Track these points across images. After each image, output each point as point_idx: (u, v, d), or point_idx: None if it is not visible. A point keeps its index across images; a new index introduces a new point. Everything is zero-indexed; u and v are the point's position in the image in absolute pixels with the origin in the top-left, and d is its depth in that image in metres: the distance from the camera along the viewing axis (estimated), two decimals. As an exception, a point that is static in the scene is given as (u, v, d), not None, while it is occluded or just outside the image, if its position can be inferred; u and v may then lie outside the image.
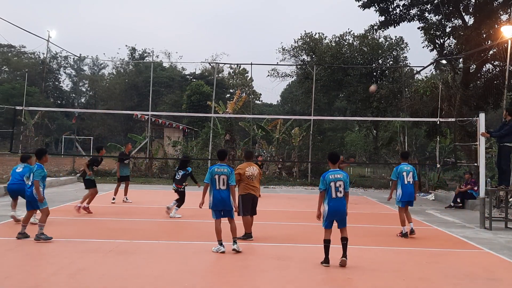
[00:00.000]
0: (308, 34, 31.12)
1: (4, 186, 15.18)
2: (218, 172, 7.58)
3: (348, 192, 7.03)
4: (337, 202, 6.80)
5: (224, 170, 7.61)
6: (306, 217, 11.92)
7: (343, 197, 6.86)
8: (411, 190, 9.19)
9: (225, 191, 7.58)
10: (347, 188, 6.94)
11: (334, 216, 6.83)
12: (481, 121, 11.35)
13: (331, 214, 6.81)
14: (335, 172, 6.92)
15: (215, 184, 7.57)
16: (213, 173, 7.58)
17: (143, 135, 27.54)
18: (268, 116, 32.25)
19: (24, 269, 6.22)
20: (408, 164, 9.47)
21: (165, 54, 59.42)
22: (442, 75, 21.68)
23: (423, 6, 21.12)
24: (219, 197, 7.53)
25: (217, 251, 7.50)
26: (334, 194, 6.79)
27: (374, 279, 6.26)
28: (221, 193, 7.54)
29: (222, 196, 7.53)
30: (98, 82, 58.24)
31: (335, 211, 6.79)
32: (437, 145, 17.63)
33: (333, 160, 7.12)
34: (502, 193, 13.37)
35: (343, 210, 6.85)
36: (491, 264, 7.43)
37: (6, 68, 58.94)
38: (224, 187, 7.57)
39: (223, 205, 7.56)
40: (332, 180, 6.82)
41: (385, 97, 24.88)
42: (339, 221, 6.87)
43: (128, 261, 6.87)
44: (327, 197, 6.83)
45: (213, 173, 7.58)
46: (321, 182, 6.93)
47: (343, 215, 6.86)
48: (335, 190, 6.79)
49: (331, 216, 6.83)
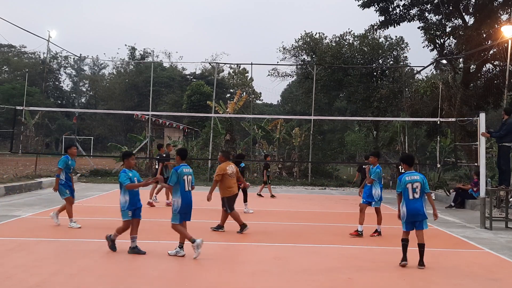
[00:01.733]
0: (309, 34, 31.08)
1: (5, 186, 15.21)
2: (186, 172, 7.28)
3: (430, 192, 7.18)
4: (415, 203, 6.90)
5: (190, 170, 7.36)
6: (306, 217, 11.93)
7: (420, 198, 6.95)
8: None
9: (190, 192, 7.30)
10: (427, 189, 7.06)
11: (413, 217, 6.91)
12: (482, 121, 11.35)
13: (410, 216, 6.91)
14: (411, 174, 7.08)
15: (184, 185, 7.18)
16: (181, 174, 7.20)
17: (143, 135, 27.55)
18: (269, 116, 32.22)
19: (24, 269, 6.22)
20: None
21: (165, 54, 59.47)
22: (442, 75, 21.64)
23: (423, 6, 21.10)
24: (189, 199, 7.21)
25: (175, 254, 7.13)
26: (411, 195, 6.92)
27: (374, 279, 6.26)
28: (189, 195, 7.26)
29: (190, 198, 7.24)
30: (98, 82, 58.29)
31: (413, 213, 6.89)
32: (437, 145, 17.61)
33: (409, 163, 7.33)
34: (503, 193, 13.36)
35: (421, 211, 6.91)
36: (492, 264, 7.43)
37: (6, 68, 59.02)
38: (191, 188, 7.31)
39: (190, 208, 7.27)
40: (409, 182, 6.96)
41: (385, 97, 24.86)
42: (417, 223, 6.92)
43: (128, 261, 6.87)
44: (404, 199, 6.97)
45: (182, 174, 7.21)
46: (397, 185, 7.17)
47: (421, 217, 6.91)
48: (412, 191, 6.92)
49: (410, 218, 6.92)
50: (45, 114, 35.25)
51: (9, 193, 14.95)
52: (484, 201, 11.11)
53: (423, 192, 6.97)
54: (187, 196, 7.18)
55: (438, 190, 20.07)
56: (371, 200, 9.32)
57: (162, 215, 11.24)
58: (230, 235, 9.20)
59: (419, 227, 6.92)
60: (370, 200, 9.34)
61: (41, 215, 11.00)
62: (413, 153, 22.61)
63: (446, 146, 22.29)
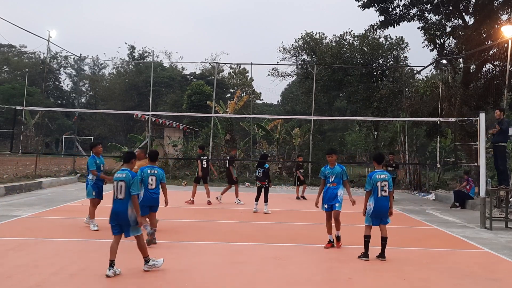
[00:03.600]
0: (309, 34, 31.10)
1: (5, 186, 15.22)
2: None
3: (392, 191, 7.51)
4: (382, 201, 7.29)
5: (122, 176, 6.31)
6: (306, 217, 11.92)
7: (387, 196, 7.34)
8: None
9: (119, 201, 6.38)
10: (391, 187, 7.44)
11: (379, 213, 7.31)
12: (481, 121, 11.35)
13: (376, 212, 7.30)
14: (381, 172, 7.44)
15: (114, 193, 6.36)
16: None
17: (143, 135, 27.57)
18: (269, 116, 32.22)
19: (24, 269, 6.22)
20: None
21: (165, 54, 59.56)
22: (443, 75, 21.64)
23: (423, 6, 21.10)
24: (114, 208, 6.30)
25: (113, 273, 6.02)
26: (379, 193, 7.28)
27: (374, 279, 6.26)
28: (117, 204, 6.32)
29: (117, 207, 6.30)
30: (98, 82, 58.32)
31: (380, 209, 7.29)
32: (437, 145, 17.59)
33: (378, 161, 7.59)
34: (503, 193, 13.37)
35: (386, 208, 7.34)
36: (492, 264, 7.43)
37: (6, 68, 59.03)
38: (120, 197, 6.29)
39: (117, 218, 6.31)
40: (379, 180, 7.30)
41: (386, 97, 24.87)
42: (382, 218, 7.36)
43: (128, 261, 6.86)
44: (373, 196, 7.34)
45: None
46: (367, 182, 7.43)
47: (386, 213, 7.36)
48: (381, 189, 7.28)
49: (376, 213, 7.31)
50: (45, 114, 35.23)
51: (9, 193, 14.96)
52: (484, 201, 11.12)
53: (388, 190, 7.37)
54: (114, 204, 6.30)
55: (438, 190, 20.08)
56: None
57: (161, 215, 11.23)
58: (230, 235, 9.20)
59: (384, 222, 7.38)
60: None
61: (41, 215, 11.01)
62: (413, 153, 22.65)
63: (446, 146, 22.29)
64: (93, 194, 9.15)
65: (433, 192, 19.23)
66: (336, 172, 8.07)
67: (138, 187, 6.30)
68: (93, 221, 9.13)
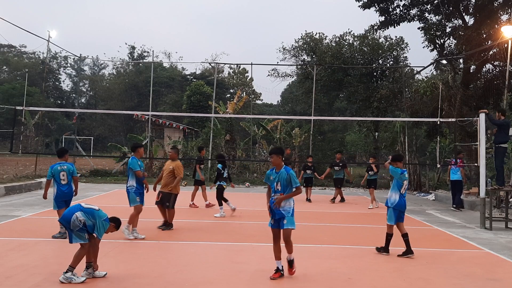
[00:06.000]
0: (309, 34, 31.09)
1: (5, 186, 15.22)
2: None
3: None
4: (404, 198, 7.67)
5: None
6: (305, 217, 11.92)
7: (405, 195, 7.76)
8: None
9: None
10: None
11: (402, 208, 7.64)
12: (481, 122, 11.35)
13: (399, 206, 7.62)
14: (406, 172, 7.80)
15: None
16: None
17: (143, 135, 27.55)
18: (269, 116, 32.22)
19: (24, 269, 6.22)
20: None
21: (165, 54, 59.44)
22: (443, 75, 21.66)
23: (423, 6, 21.12)
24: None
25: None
26: (403, 190, 7.64)
27: (374, 279, 6.26)
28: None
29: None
30: (98, 82, 58.29)
31: (403, 205, 7.67)
32: (437, 145, 17.63)
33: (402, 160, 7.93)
34: (502, 193, 13.38)
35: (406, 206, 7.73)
36: (492, 264, 7.43)
37: (6, 68, 58.99)
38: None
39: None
40: (405, 179, 7.65)
41: (386, 97, 24.87)
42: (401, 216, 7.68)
43: (128, 261, 6.87)
44: (398, 192, 7.61)
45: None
46: (398, 174, 7.62)
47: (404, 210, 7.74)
48: (404, 188, 7.67)
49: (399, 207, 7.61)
50: (45, 114, 35.26)
51: (9, 193, 14.97)
52: (484, 201, 11.12)
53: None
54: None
55: (438, 190, 20.09)
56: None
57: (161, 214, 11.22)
58: (230, 235, 9.20)
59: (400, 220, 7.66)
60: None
61: (41, 215, 11.01)
62: (413, 153, 22.63)
63: (446, 146, 22.29)
64: (137, 200, 8.63)
65: (433, 192, 19.23)
66: (283, 178, 6.12)
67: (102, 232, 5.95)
68: (135, 230, 8.54)
